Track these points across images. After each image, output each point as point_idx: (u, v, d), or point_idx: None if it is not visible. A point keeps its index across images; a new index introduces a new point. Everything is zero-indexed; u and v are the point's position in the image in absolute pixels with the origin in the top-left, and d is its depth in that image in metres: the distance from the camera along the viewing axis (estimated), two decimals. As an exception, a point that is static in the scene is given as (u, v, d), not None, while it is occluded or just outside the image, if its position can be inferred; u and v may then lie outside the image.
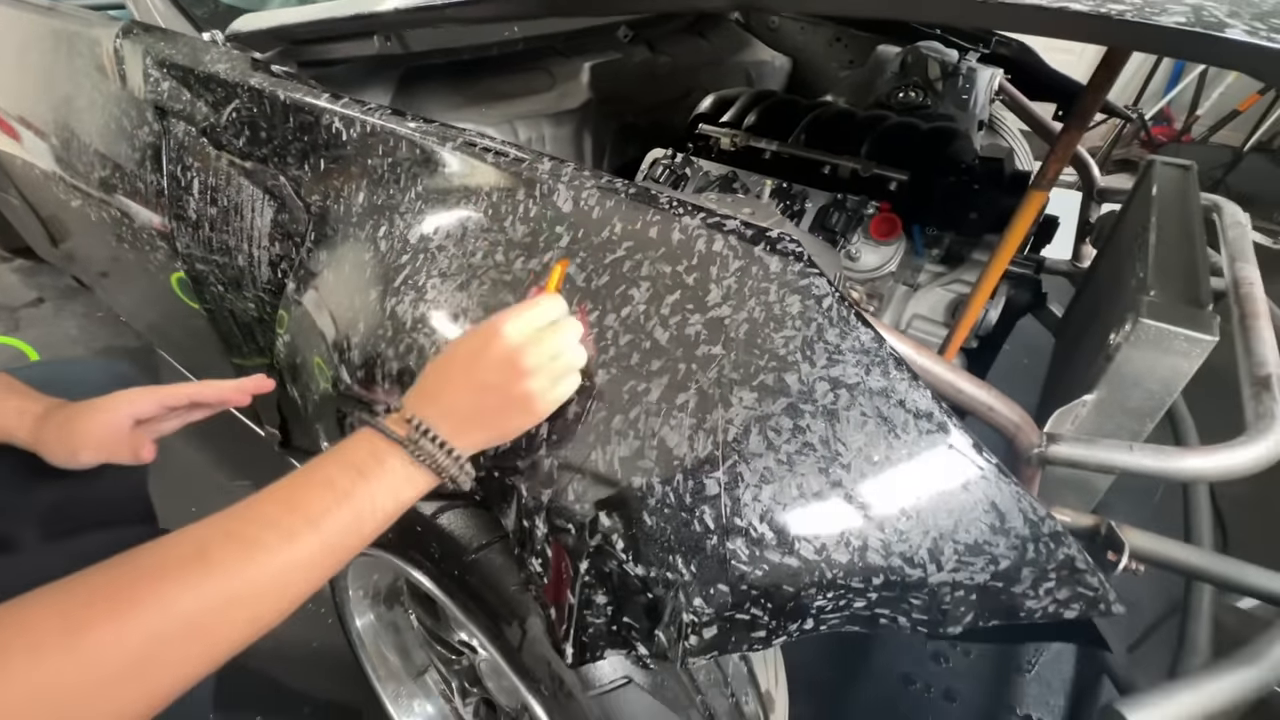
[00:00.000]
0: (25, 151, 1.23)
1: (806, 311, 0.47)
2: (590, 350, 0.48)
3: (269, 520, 0.38)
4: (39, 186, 1.31)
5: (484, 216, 0.57)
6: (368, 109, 0.65)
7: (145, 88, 0.80)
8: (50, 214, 1.49)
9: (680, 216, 0.52)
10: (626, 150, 1.21)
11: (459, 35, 0.85)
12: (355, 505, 0.40)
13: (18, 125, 1.21)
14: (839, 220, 0.90)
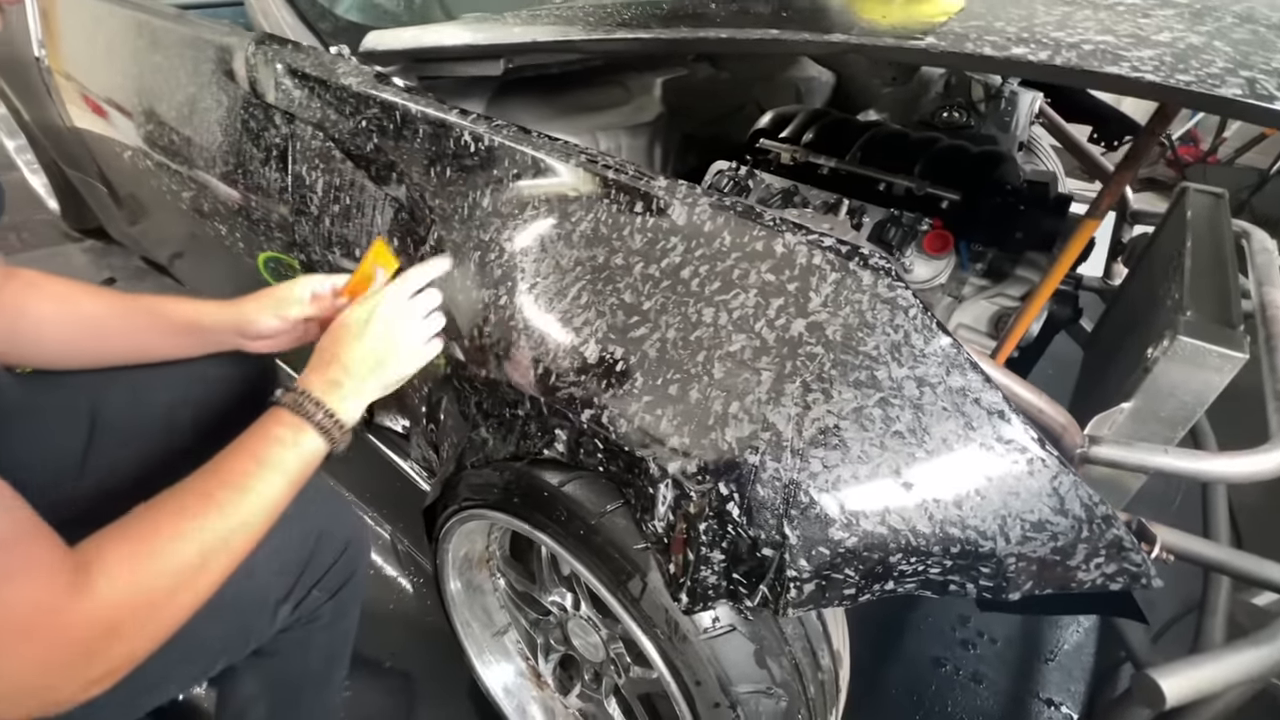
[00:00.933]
0: (112, 129, 1.33)
1: (895, 319, 0.55)
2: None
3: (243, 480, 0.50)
4: (123, 168, 1.41)
5: (603, 226, 0.65)
6: (495, 125, 0.73)
7: (276, 95, 0.89)
8: (129, 194, 1.59)
9: (783, 233, 0.60)
10: (687, 159, 1.29)
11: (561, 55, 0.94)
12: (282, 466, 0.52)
13: (106, 105, 1.31)
14: (895, 234, 0.97)
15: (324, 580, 0.67)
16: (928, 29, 0.53)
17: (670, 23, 0.66)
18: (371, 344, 0.60)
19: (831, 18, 0.64)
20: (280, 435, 0.53)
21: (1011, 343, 0.89)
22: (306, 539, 0.66)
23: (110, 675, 0.41)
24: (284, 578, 0.64)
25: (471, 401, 0.71)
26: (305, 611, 0.67)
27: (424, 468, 1.06)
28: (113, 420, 0.71)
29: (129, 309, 0.68)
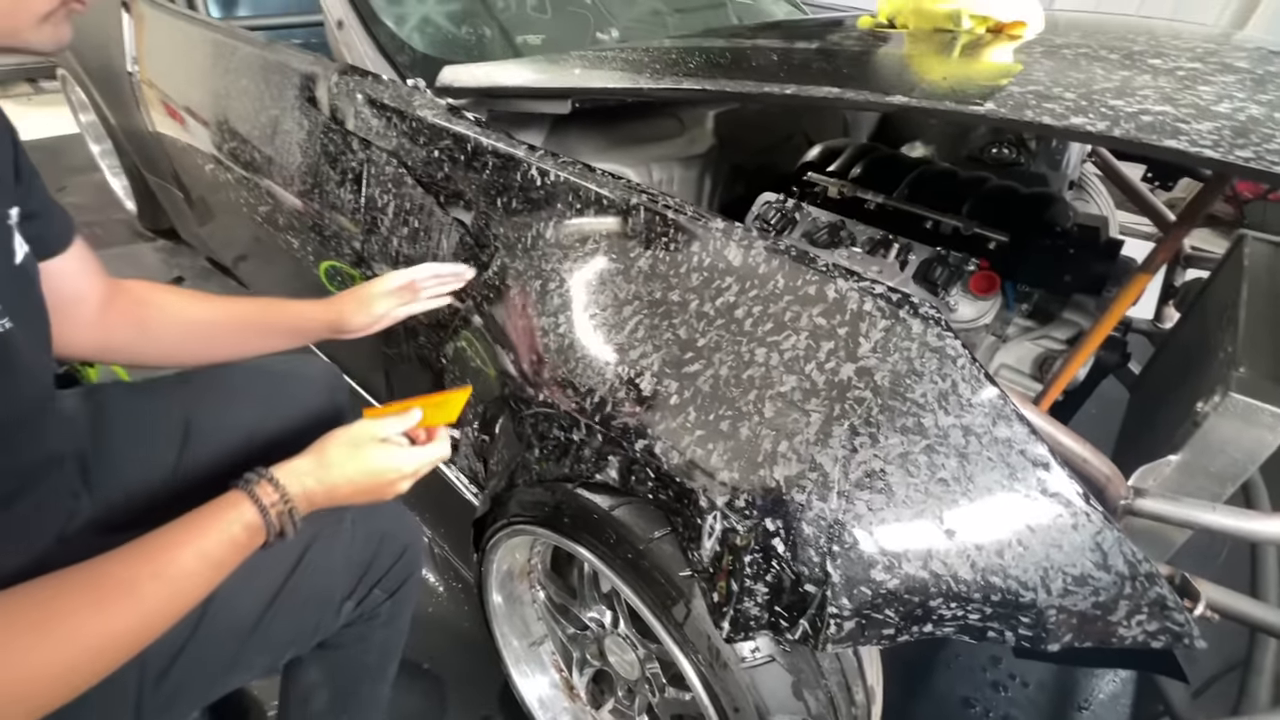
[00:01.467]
0: (188, 135, 1.43)
1: (943, 368, 0.57)
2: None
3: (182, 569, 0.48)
4: (198, 175, 1.50)
5: (661, 263, 0.69)
6: (561, 162, 0.77)
7: (355, 122, 0.95)
8: (200, 198, 1.69)
9: (835, 278, 0.62)
10: (734, 188, 1.32)
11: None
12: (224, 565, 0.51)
13: (187, 116, 1.40)
14: (941, 274, 0.98)
15: (384, 580, 0.72)
16: (987, 93, 0.55)
17: (734, 73, 0.69)
18: (364, 483, 0.57)
19: (891, 76, 0.67)
20: (223, 520, 0.51)
21: (1056, 389, 0.89)
22: (370, 540, 0.71)
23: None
24: (349, 576, 0.69)
25: (527, 423, 0.74)
26: (366, 609, 0.72)
27: (468, 477, 1.10)
28: (204, 429, 0.77)
29: (236, 315, 0.75)
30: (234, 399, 0.81)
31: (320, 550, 0.67)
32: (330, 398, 0.91)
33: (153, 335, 0.70)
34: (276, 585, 0.64)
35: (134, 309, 0.69)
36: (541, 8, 1.63)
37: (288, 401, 0.85)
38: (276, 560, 0.64)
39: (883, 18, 0.93)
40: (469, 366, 0.88)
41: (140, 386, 0.79)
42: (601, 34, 1.62)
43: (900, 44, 0.82)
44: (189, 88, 1.38)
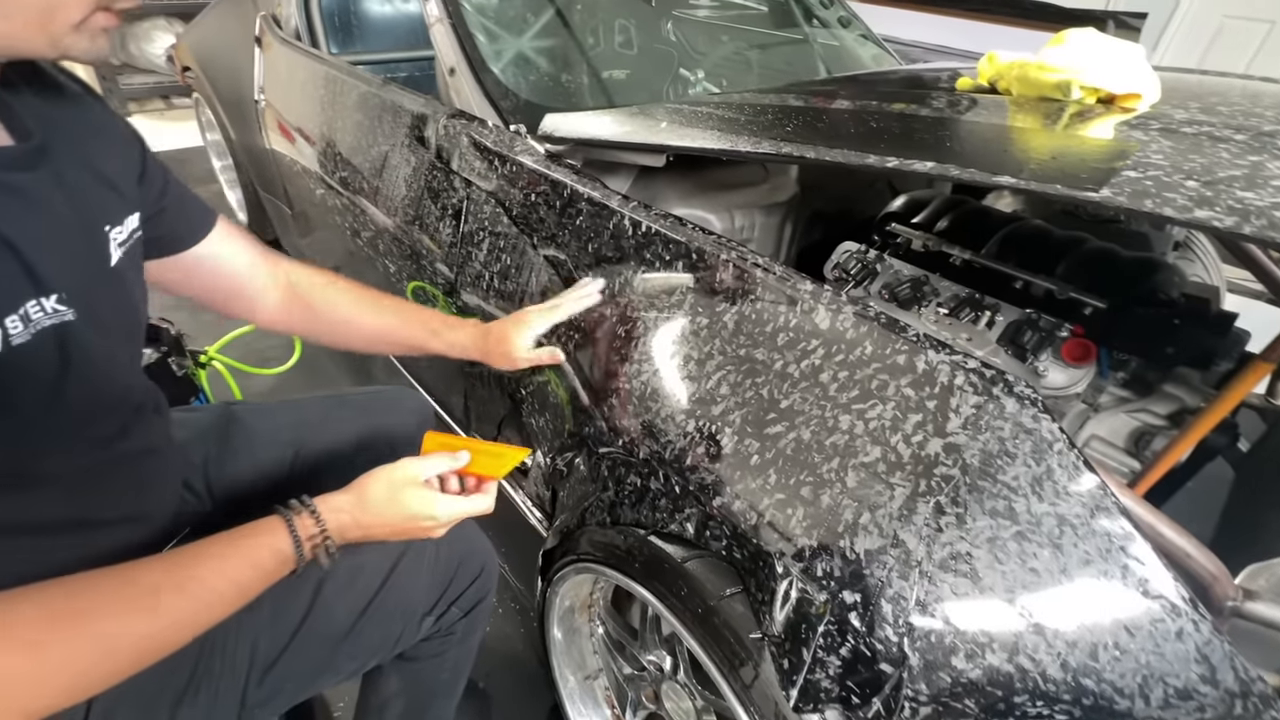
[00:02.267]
0: (300, 157, 1.55)
1: (1038, 451, 0.55)
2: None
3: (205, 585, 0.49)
4: (306, 194, 1.63)
5: (748, 321, 0.70)
6: (653, 214, 0.80)
7: (459, 163, 1.01)
8: (303, 213, 1.83)
9: (926, 349, 0.61)
10: (813, 233, 1.32)
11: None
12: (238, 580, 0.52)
13: (295, 133, 1.53)
14: (1031, 338, 0.95)
15: (461, 599, 0.77)
16: (1101, 176, 0.54)
17: (832, 139, 0.70)
18: (398, 525, 0.59)
19: (996, 150, 0.66)
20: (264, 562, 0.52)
21: (1156, 474, 0.84)
22: (452, 560, 0.76)
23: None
24: (431, 592, 0.74)
25: (604, 464, 0.77)
26: (444, 625, 0.76)
27: (535, 504, 1.13)
28: (310, 451, 0.85)
29: (409, 322, 0.83)
30: (339, 426, 0.88)
31: (409, 565, 0.71)
32: (419, 423, 0.98)
33: (323, 322, 0.79)
34: (371, 594, 0.69)
35: (306, 297, 0.78)
36: (628, 44, 1.69)
37: (385, 431, 0.93)
38: (372, 571, 0.70)
39: (983, 80, 0.91)
40: (548, 401, 0.91)
41: (262, 408, 0.87)
42: (685, 71, 1.67)
43: (1002, 111, 0.81)
44: (305, 116, 1.51)
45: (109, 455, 0.58)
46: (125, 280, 0.58)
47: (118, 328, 0.57)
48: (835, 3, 1.81)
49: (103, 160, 0.58)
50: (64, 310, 0.48)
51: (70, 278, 0.50)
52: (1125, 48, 0.79)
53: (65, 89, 0.57)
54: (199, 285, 0.73)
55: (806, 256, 1.30)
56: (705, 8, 1.93)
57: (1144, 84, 0.77)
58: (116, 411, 0.59)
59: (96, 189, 0.56)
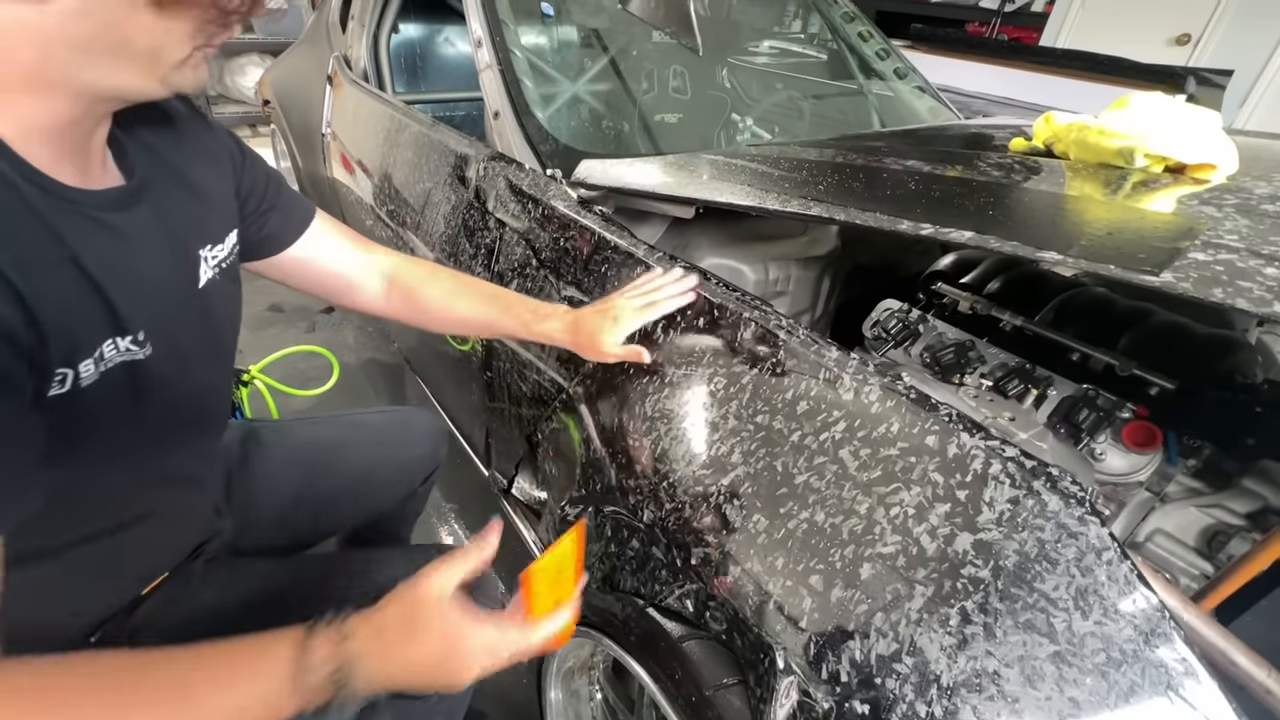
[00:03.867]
0: (356, 188, 1.62)
1: (1083, 559, 0.49)
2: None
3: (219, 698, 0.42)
4: (357, 220, 1.69)
5: (766, 385, 0.66)
6: (680, 266, 0.78)
7: (494, 203, 1.02)
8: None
9: (959, 431, 0.56)
10: (854, 288, 1.27)
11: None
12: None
13: (356, 166, 1.60)
14: (1088, 418, 0.87)
15: None
16: (1164, 258, 0.48)
17: (866, 200, 0.67)
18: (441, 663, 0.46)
19: (1045, 221, 0.61)
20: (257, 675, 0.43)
21: (1232, 585, 0.74)
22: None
23: None
24: None
25: (608, 524, 0.73)
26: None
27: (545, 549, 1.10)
28: (324, 468, 0.87)
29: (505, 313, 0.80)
30: (353, 447, 0.90)
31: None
32: (433, 449, 0.99)
33: (424, 312, 0.81)
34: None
35: (405, 287, 0.79)
36: (682, 90, 1.71)
37: (398, 449, 0.94)
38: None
39: (1038, 142, 0.86)
40: (561, 449, 0.89)
41: (281, 427, 0.89)
42: (736, 116, 1.67)
43: (1057, 178, 0.75)
44: (365, 151, 1.58)
45: (163, 476, 0.61)
46: (211, 302, 0.60)
47: (198, 354, 0.59)
48: (892, 54, 1.78)
49: (205, 180, 0.61)
50: (136, 350, 0.50)
51: (153, 311, 0.52)
52: (1197, 114, 0.72)
53: (173, 114, 0.60)
54: (300, 279, 0.76)
55: (846, 312, 1.25)
56: (763, 55, 1.95)
57: (1219, 153, 0.70)
58: (188, 437, 0.62)
59: (194, 209, 0.59)
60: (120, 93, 0.47)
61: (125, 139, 0.54)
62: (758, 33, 1.95)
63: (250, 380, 1.43)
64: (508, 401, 1.10)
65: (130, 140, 0.55)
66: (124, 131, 0.54)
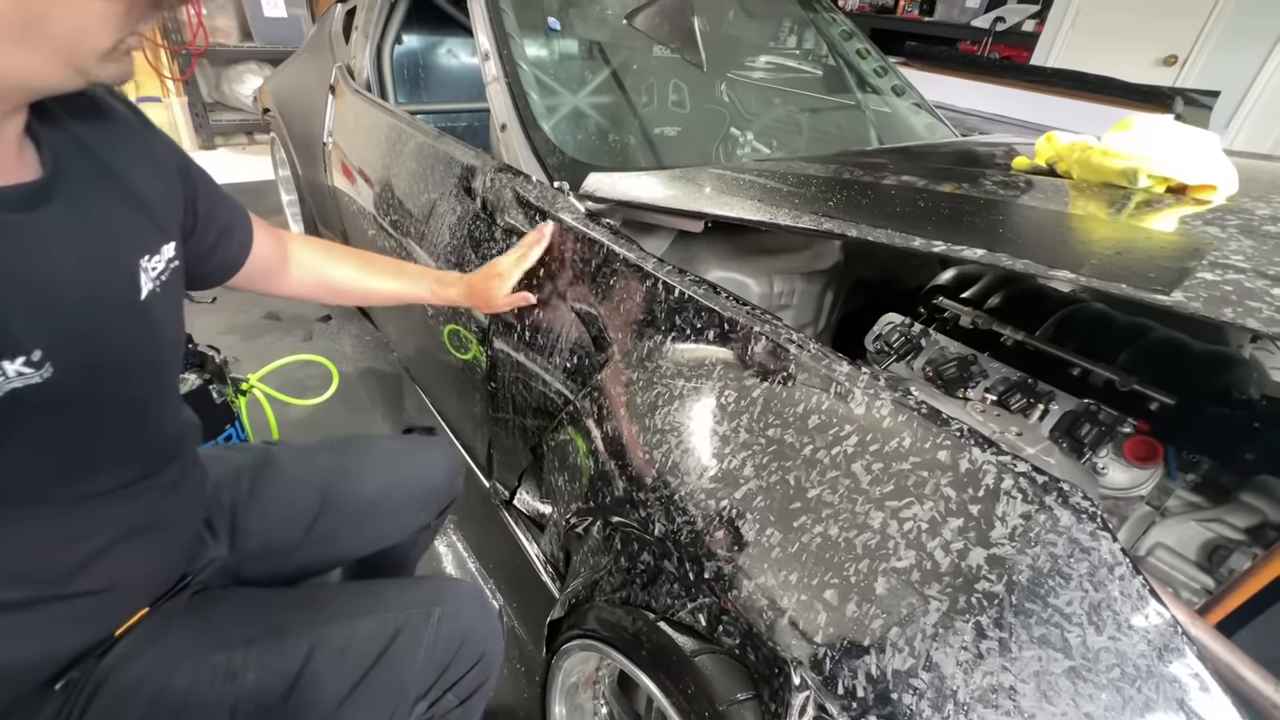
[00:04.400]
0: (358, 198, 1.62)
1: (1096, 574, 0.49)
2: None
3: None
4: (357, 229, 1.69)
5: (777, 398, 0.66)
6: (687, 279, 0.78)
7: (503, 214, 1.03)
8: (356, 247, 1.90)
9: (970, 446, 0.57)
10: (855, 301, 1.28)
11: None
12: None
13: (357, 174, 1.60)
14: (1090, 432, 0.88)
15: (458, 685, 0.71)
16: (1173, 278, 0.49)
17: (877, 217, 0.67)
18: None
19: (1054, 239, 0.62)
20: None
21: (1235, 600, 0.75)
22: (454, 638, 0.71)
23: None
24: (426, 675, 0.68)
25: (618, 537, 0.73)
26: (437, 713, 0.70)
27: (549, 562, 1.09)
28: (338, 498, 0.84)
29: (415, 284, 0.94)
30: (366, 474, 0.87)
31: (405, 642, 0.67)
32: (449, 481, 0.96)
33: (341, 294, 0.90)
34: (362, 670, 0.64)
35: (319, 273, 0.86)
36: (681, 104, 1.72)
37: (412, 479, 0.92)
38: (365, 645, 0.66)
39: (1040, 161, 0.88)
40: (567, 460, 0.89)
41: (301, 451, 0.87)
42: (735, 131, 1.69)
43: (1062, 196, 0.77)
44: (366, 160, 1.58)
45: (111, 512, 0.56)
46: (154, 316, 0.55)
47: (133, 372, 0.54)
48: (889, 71, 1.81)
49: (146, 187, 0.55)
50: (30, 372, 0.44)
51: (60, 326, 0.46)
52: (1198, 135, 0.74)
53: (111, 114, 0.54)
54: (241, 281, 0.77)
55: (847, 324, 1.26)
56: (760, 70, 1.97)
57: (1219, 175, 0.72)
58: (127, 466, 0.57)
59: (131, 215, 0.54)
60: (29, 83, 0.42)
61: (47, 134, 0.48)
62: (756, 48, 1.98)
63: (249, 390, 1.42)
64: (512, 412, 1.09)
65: (53, 136, 0.48)
66: (47, 125, 0.48)
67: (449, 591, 0.74)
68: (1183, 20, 3.19)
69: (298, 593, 0.74)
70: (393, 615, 0.68)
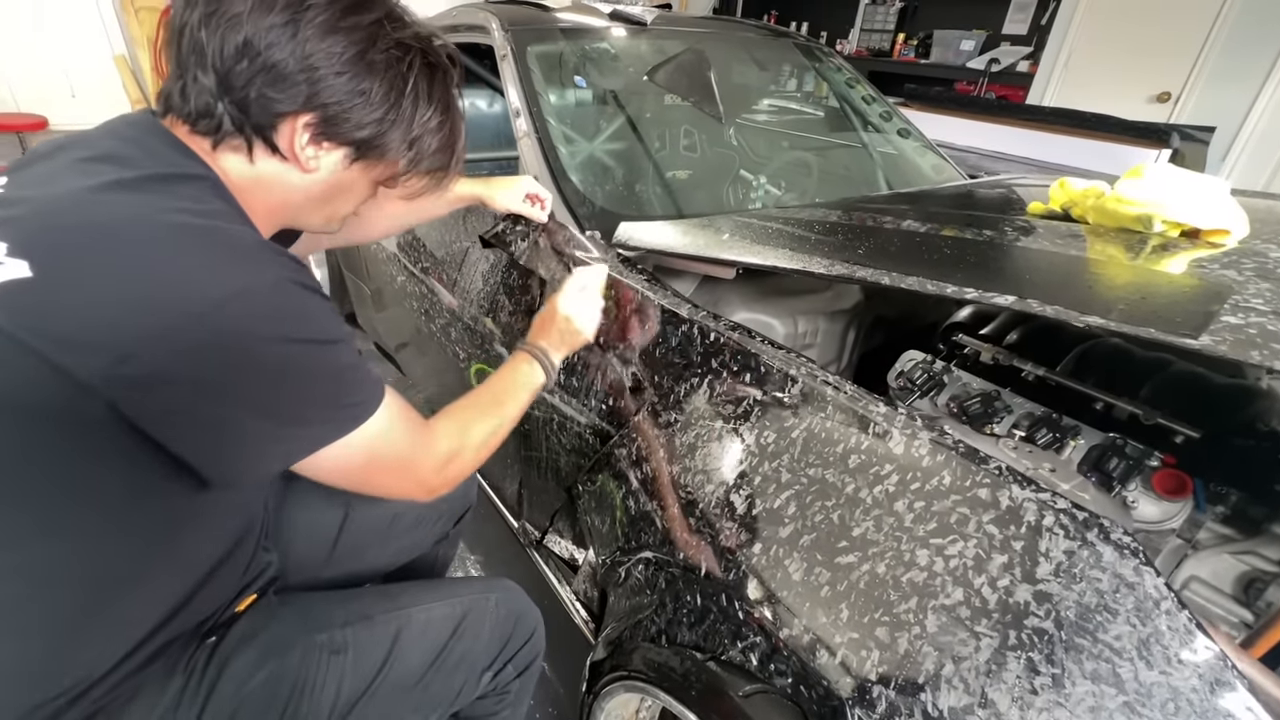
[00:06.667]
0: (384, 245, 1.67)
1: (1143, 609, 0.51)
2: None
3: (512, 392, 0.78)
4: (382, 275, 1.74)
5: (816, 439, 0.69)
6: (723, 323, 0.82)
7: (540, 265, 1.07)
8: (377, 292, 1.94)
9: (1010, 484, 0.59)
10: (874, 339, 1.31)
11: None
12: (528, 388, 0.80)
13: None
14: (1118, 466, 0.89)
15: (516, 657, 0.81)
16: (1198, 322, 0.52)
17: (905, 265, 0.71)
18: (563, 324, 0.85)
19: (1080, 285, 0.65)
20: (527, 370, 0.81)
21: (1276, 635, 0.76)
22: (510, 617, 0.81)
23: (451, 483, 0.68)
24: (491, 647, 0.79)
25: (663, 577, 0.75)
26: (500, 683, 0.80)
27: (582, 602, 1.10)
28: (359, 514, 0.89)
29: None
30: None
31: (474, 619, 0.77)
32: (464, 489, 1.05)
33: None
34: (441, 644, 0.74)
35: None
36: (692, 148, 1.79)
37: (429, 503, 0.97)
38: (442, 623, 0.75)
39: (1055, 206, 0.92)
40: (605, 501, 0.91)
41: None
42: (745, 172, 1.75)
43: (1081, 242, 0.80)
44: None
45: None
46: None
47: None
48: (895, 116, 1.88)
49: None
50: None
51: None
52: (1208, 181, 0.78)
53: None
54: None
55: (869, 363, 1.28)
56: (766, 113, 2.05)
57: (1231, 219, 0.76)
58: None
59: None
60: (305, 228, 0.66)
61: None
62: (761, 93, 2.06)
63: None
64: (545, 451, 1.12)
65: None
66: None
67: (498, 583, 0.87)
68: (1174, 58, 3.30)
69: (371, 589, 0.83)
70: (459, 600, 0.79)
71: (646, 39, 1.54)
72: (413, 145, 0.61)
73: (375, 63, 0.56)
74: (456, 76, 0.64)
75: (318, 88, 0.55)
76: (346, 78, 0.55)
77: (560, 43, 1.44)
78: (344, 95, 0.56)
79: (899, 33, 4.79)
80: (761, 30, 1.94)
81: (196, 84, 0.54)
